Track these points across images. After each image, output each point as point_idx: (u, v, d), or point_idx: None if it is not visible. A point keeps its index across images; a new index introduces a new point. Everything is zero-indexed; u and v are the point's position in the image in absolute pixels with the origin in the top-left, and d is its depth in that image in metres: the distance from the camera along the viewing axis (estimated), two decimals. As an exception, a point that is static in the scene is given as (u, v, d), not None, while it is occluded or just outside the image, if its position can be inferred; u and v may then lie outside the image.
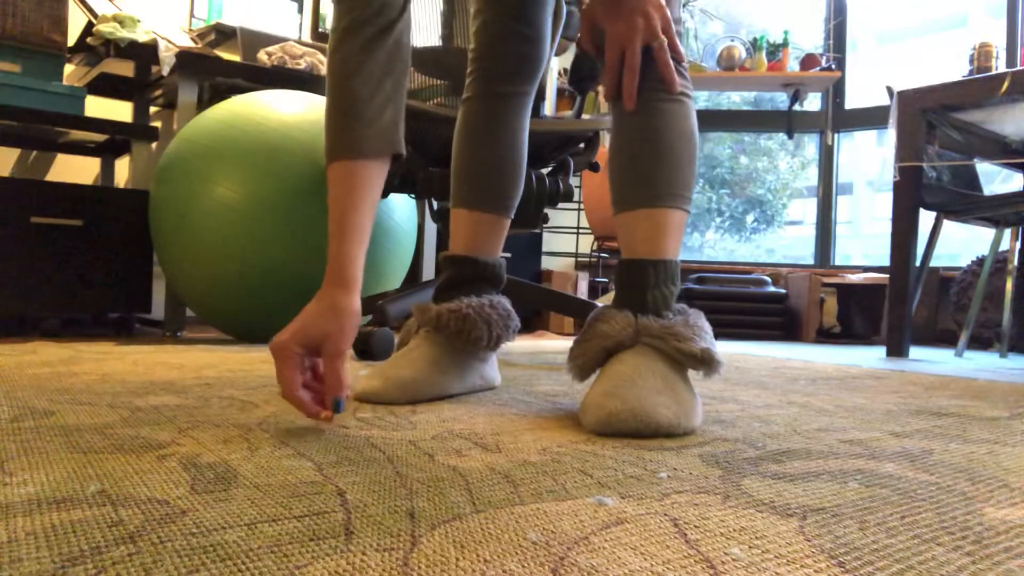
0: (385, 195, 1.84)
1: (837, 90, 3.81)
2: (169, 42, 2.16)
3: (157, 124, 2.66)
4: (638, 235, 0.92)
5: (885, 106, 2.40)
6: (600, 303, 2.00)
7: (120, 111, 2.56)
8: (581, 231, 3.45)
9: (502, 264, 1.12)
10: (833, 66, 3.72)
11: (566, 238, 3.60)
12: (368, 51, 0.86)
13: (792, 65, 3.72)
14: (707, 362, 0.84)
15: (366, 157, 0.85)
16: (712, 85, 3.85)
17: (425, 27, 1.90)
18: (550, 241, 3.55)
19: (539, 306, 2.68)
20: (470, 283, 1.07)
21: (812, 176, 4.10)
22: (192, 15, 2.78)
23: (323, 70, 2.50)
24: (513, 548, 0.42)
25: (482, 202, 1.09)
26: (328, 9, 3.13)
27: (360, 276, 0.84)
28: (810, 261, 3.90)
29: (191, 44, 2.34)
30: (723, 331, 3.14)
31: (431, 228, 2.60)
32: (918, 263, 2.36)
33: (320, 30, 3.11)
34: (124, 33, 2.07)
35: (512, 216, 1.14)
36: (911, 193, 2.30)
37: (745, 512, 0.50)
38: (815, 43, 3.88)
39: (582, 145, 1.81)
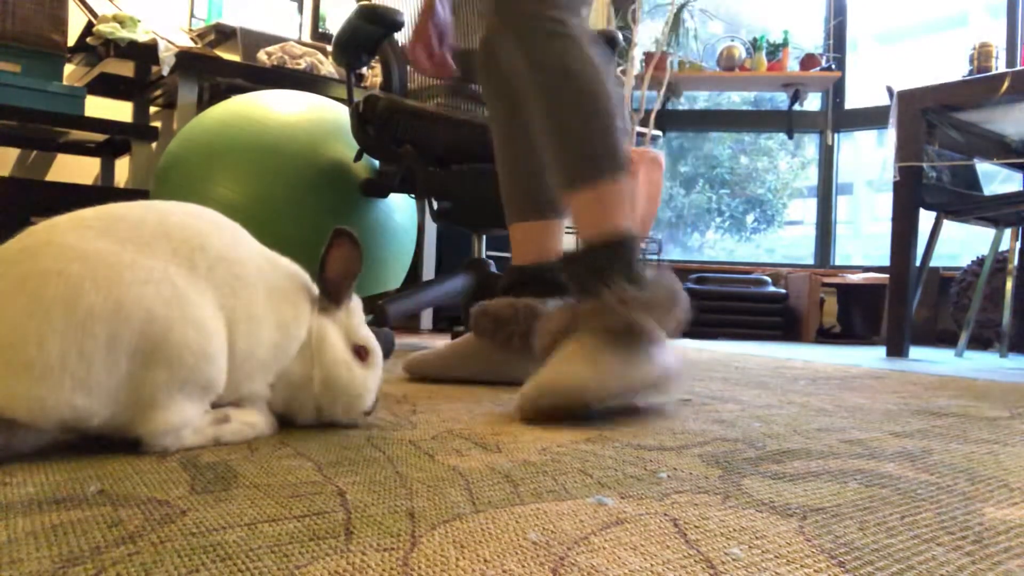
0: (385, 195, 1.84)
1: (837, 90, 3.80)
2: (169, 42, 2.16)
3: (157, 124, 2.66)
4: (576, 221, 0.97)
5: (885, 106, 2.40)
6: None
7: (120, 111, 2.56)
8: (581, 231, 3.45)
9: (544, 266, 1.18)
10: (833, 66, 3.72)
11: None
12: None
13: (792, 65, 3.71)
14: (632, 334, 0.87)
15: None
16: (712, 85, 3.85)
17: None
18: (550, 241, 3.54)
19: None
20: (517, 287, 1.19)
21: (812, 176, 4.10)
22: (192, 15, 2.78)
23: (322, 70, 2.50)
24: (513, 548, 0.42)
25: (509, 212, 1.22)
26: (328, 9, 3.12)
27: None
28: (810, 261, 3.89)
29: (191, 44, 2.34)
30: (723, 331, 3.14)
31: (431, 228, 2.60)
32: (918, 263, 2.36)
33: (320, 30, 3.10)
34: (124, 33, 2.07)
35: (558, 216, 1.22)
36: (911, 193, 2.30)
37: (745, 512, 0.50)
38: (815, 43, 3.88)
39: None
